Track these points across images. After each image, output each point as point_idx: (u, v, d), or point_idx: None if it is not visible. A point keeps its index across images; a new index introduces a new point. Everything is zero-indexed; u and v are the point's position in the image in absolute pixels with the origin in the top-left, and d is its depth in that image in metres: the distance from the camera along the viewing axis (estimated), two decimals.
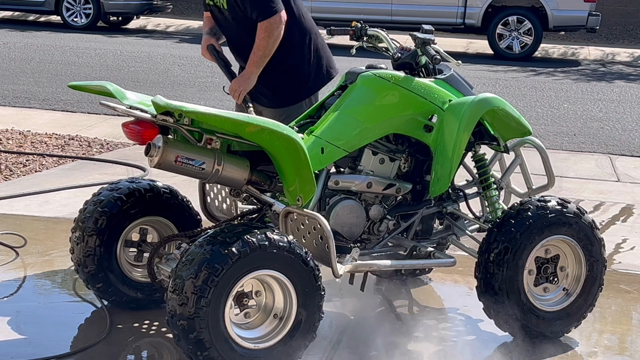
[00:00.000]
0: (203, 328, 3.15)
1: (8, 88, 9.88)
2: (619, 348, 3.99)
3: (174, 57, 13.25)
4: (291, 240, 3.31)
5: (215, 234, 3.27)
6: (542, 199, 3.86)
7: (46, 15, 17.96)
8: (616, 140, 8.91)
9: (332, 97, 3.98)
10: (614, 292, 4.57)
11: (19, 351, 3.48)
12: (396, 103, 3.87)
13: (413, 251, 3.92)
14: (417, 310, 4.25)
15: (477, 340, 3.96)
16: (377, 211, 3.90)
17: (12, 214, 5.30)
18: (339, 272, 3.56)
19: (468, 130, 3.87)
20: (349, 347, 3.78)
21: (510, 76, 13.02)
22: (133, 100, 3.53)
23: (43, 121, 8.28)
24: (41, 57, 12.52)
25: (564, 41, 18.09)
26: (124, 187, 3.87)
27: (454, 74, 4.08)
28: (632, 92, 12.13)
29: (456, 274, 4.52)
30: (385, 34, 4.26)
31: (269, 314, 3.38)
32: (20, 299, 4.10)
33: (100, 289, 3.88)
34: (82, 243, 3.82)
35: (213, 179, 3.48)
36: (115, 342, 3.67)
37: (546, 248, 3.86)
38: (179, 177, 3.53)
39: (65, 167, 6.60)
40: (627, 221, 6.00)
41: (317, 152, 3.68)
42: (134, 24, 18.11)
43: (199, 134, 3.44)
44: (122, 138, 7.09)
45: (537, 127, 9.04)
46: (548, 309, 3.87)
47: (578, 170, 7.48)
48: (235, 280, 3.21)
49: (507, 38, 15.38)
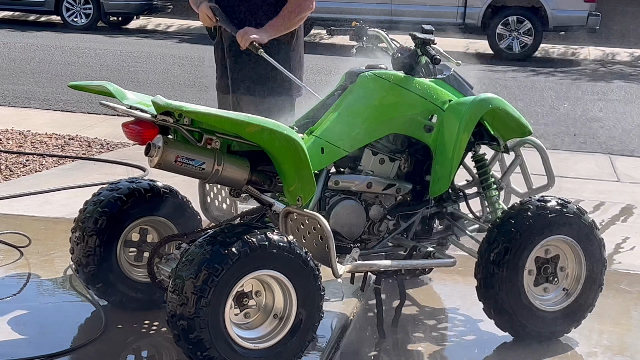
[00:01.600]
0: (203, 328, 3.15)
1: (8, 88, 9.88)
2: (619, 348, 3.99)
3: (174, 57, 13.26)
4: (291, 240, 3.31)
5: (215, 234, 3.27)
6: (542, 199, 3.86)
7: (46, 15, 17.98)
8: (616, 140, 8.92)
9: (332, 97, 3.98)
10: (614, 292, 4.57)
11: (19, 351, 3.48)
12: (396, 103, 3.87)
13: (413, 251, 3.92)
14: (417, 310, 4.25)
15: (477, 340, 3.96)
16: (377, 211, 3.90)
17: (12, 214, 5.30)
18: (339, 272, 3.56)
19: (468, 130, 3.87)
20: (349, 347, 3.78)
21: (510, 76, 13.02)
22: (133, 100, 3.53)
23: (43, 121, 8.28)
24: (41, 57, 12.53)
25: (564, 41, 18.09)
26: (124, 187, 3.87)
27: (454, 74, 4.08)
28: (632, 92, 12.13)
29: (456, 274, 4.52)
30: (385, 34, 4.26)
31: (269, 314, 3.38)
32: (20, 299, 4.10)
33: (100, 289, 3.88)
34: (82, 243, 3.81)
35: (213, 179, 3.48)
36: (115, 342, 3.67)
37: (546, 248, 3.86)
38: (179, 177, 3.53)
39: (65, 167, 6.60)
40: (627, 221, 6.01)
41: (317, 152, 3.68)
42: (134, 24, 18.13)
43: (199, 134, 3.44)
44: (122, 138, 7.08)
45: (537, 127, 9.04)
46: (548, 309, 3.87)
47: (578, 170, 7.48)
48: (235, 280, 3.20)
49: (507, 38, 15.40)
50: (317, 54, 14.23)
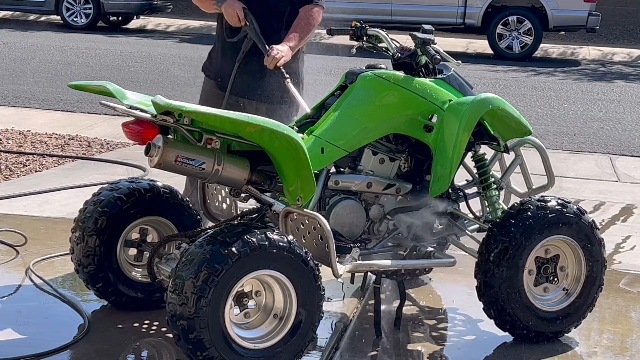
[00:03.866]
0: (203, 328, 3.15)
1: (8, 88, 9.88)
2: (619, 348, 3.99)
3: (174, 57, 13.25)
4: (291, 240, 3.31)
5: (215, 234, 3.27)
6: (542, 199, 3.86)
7: (46, 15, 17.97)
8: (616, 140, 8.91)
9: (332, 97, 3.98)
10: (614, 292, 4.57)
11: (19, 351, 3.48)
12: (396, 103, 3.87)
13: (413, 251, 3.92)
14: (417, 310, 4.25)
15: (477, 340, 3.96)
16: (377, 211, 3.90)
17: (12, 213, 5.30)
18: (339, 272, 3.56)
19: (468, 130, 3.87)
20: (349, 347, 3.78)
21: (510, 76, 13.02)
22: (133, 100, 3.53)
23: (43, 121, 8.28)
24: (41, 57, 12.52)
25: (564, 41, 18.09)
26: (124, 187, 3.87)
27: (454, 74, 4.08)
28: (631, 92, 12.13)
29: (456, 274, 4.52)
30: (385, 34, 4.25)
31: (268, 314, 3.38)
32: (20, 298, 4.10)
33: (100, 289, 3.88)
34: (82, 243, 3.82)
35: (213, 179, 3.48)
36: (115, 342, 3.67)
37: (546, 248, 3.86)
38: (179, 177, 3.53)
39: (65, 167, 6.60)
40: (627, 221, 6.01)
41: (317, 152, 3.68)
42: (134, 24, 18.11)
43: (199, 134, 3.44)
44: (122, 138, 7.09)
45: (537, 127, 9.05)
46: (548, 309, 3.87)
47: (578, 170, 7.48)
48: (235, 280, 3.21)
49: (507, 38, 15.39)
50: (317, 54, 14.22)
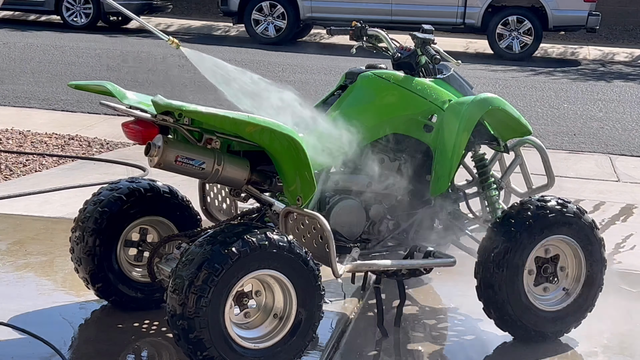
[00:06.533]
0: (203, 328, 3.15)
1: (8, 88, 9.88)
2: (619, 348, 3.99)
3: (174, 57, 13.23)
4: (291, 240, 3.31)
5: (215, 234, 3.27)
6: (542, 199, 3.86)
7: (46, 15, 17.96)
8: (616, 140, 8.91)
9: (332, 97, 3.98)
10: (614, 292, 4.56)
11: (19, 351, 3.48)
12: (396, 103, 3.87)
13: (413, 251, 3.92)
14: (417, 310, 4.25)
15: (477, 340, 3.96)
16: (377, 211, 3.90)
17: (12, 214, 5.30)
18: (339, 272, 3.56)
19: (468, 130, 3.87)
20: (349, 347, 3.78)
21: (510, 76, 13.02)
22: (133, 100, 3.53)
23: (43, 121, 8.28)
24: (41, 57, 12.52)
25: (564, 41, 18.09)
26: (124, 187, 3.87)
27: (454, 73, 4.08)
28: (631, 92, 12.13)
29: (456, 274, 4.51)
30: (385, 34, 4.25)
31: (268, 314, 3.38)
32: (20, 298, 4.10)
33: (100, 289, 3.88)
34: (82, 243, 3.82)
35: (213, 179, 3.48)
36: (115, 342, 3.67)
37: (546, 248, 3.86)
38: (179, 177, 3.53)
39: (65, 167, 6.60)
40: (627, 221, 6.01)
41: (317, 152, 3.67)
42: (134, 24, 18.10)
43: (199, 133, 3.44)
44: (122, 138, 7.08)
45: (537, 127, 9.04)
46: (548, 309, 3.87)
47: (578, 170, 7.48)
48: (235, 280, 3.20)
49: (507, 38, 15.39)
50: (317, 54, 14.22)
